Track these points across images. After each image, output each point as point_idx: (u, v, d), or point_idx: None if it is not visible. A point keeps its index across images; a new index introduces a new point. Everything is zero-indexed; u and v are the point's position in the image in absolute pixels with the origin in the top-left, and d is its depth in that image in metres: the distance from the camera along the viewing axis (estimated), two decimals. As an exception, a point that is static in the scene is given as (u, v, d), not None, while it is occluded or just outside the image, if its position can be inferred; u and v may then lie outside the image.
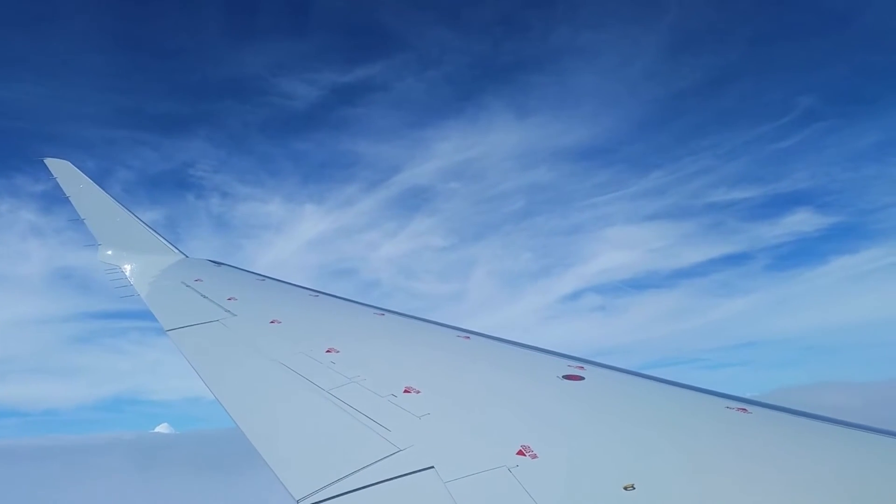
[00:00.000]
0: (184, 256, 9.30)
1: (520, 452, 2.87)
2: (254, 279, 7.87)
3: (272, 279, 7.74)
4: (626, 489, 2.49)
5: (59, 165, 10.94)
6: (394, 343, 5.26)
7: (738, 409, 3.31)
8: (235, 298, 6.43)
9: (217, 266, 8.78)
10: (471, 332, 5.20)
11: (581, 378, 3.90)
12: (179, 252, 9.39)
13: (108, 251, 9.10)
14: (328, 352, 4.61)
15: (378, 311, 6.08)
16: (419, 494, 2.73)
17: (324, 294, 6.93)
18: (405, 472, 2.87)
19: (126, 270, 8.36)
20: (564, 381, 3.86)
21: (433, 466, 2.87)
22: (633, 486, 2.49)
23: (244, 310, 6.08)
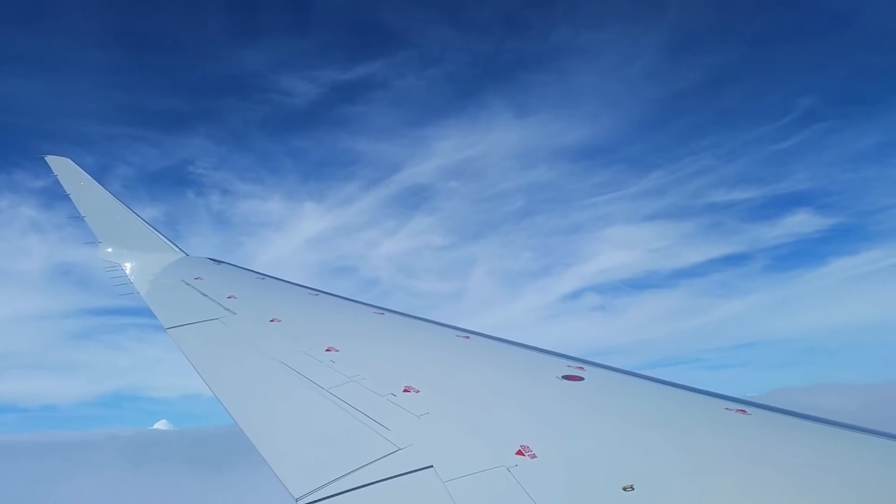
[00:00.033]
0: (184, 254, 9.31)
1: (519, 452, 2.87)
2: (254, 277, 7.88)
3: (272, 278, 7.75)
4: (626, 490, 2.50)
5: (60, 163, 10.95)
6: (393, 342, 5.26)
7: (738, 411, 3.32)
8: (235, 297, 6.44)
9: (217, 264, 8.79)
10: (470, 332, 5.21)
11: (580, 378, 3.91)
12: (179, 250, 9.40)
13: (109, 249, 9.12)
14: (328, 350, 4.61)
15: (378, 311, 6.09)
16: (418, 493, 2.74)
17: (324, 293, 6.95)
18: (404, 472, 2.88)
19: (126, 268, 8.38)
20: (564, 382, 3.87)
21: (432, 466, 2.88)
22: (633, 487, 2.50)
23: (244, 308, 6.09)
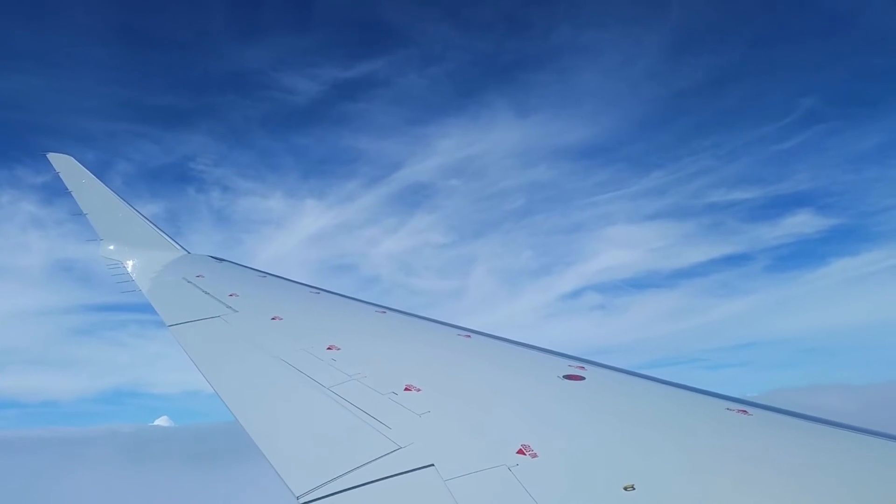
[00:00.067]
0: (185, 252, 9.33)
1: (520, 451, 2.88)
2: (255, 276, 7.89)
3: (273, 276, 7.76)
4: (626, 489, 2.50)
5: (62, 160, 10.97)
6: (395, 341, 5.27)
7: (739, 411, 3.31)
8: (237, 295, 6.45)
9: (219, 262, 8.81)
10: (472, 331, 5.21)
11: (582, 378, 3.91)
12: (181, 248, 9.42)
13: (111, 246, 9.14)
14: (329, 349, 4.62)
15: (379, 309, 6.10)
16: (419, 492, 2.74)
17: (325, 291, 6.95)
18: (405, 470, 2.88)
19: (128, 266, 8.40)
20: (565, 381, 3.87)
21: (433, 464, 2.88)
22: (633, 487, 2.51)
23: (245, 306, 6.10)
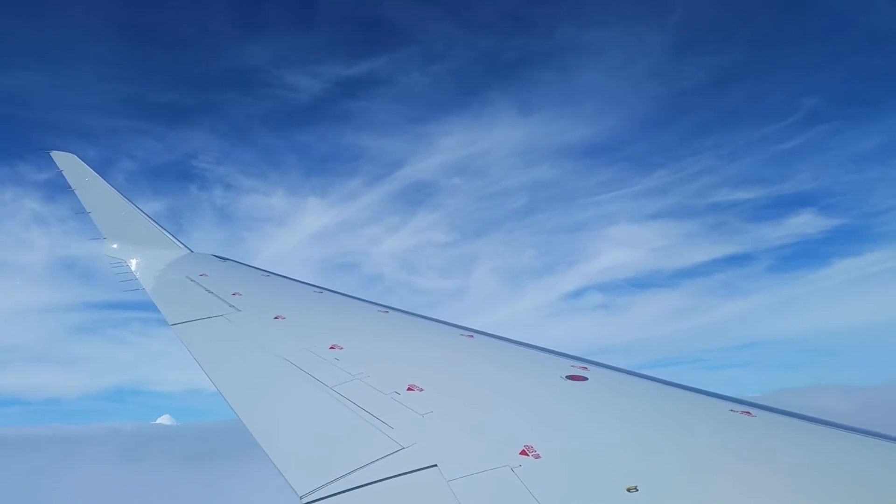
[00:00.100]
0: (188, 251, 9.34)
1: (523, 452, 2.87)
2: (258, 275, 7.89)
3: (276, 275, 7.77)
4: (629, 491, 2.50)
5: (65, 158, 10.98)
6: (397, 341, 5.27)
7: (742, 413, 3.31)
8: (240, 294, 6.46)
9: (222, 261, 8.82)
10: (474, 331, 5.21)
11: (585, 378, 3.91)
12: (184, 247, 9.43)
13: (114, 245, 9.15)
14: (332, 348, 4.62)
15: (382, 309, 6.10)
16: (422, 492, 2.74)
17: (328, 291, 6.96)
18: (408, 470, 2.88)
19: (131, 264, 8.42)
20: (568, 382, 3.87)
21: (436, 465, 2.88)
22: (636, 488, 2.50)
23: (248, 305, 6.10)
